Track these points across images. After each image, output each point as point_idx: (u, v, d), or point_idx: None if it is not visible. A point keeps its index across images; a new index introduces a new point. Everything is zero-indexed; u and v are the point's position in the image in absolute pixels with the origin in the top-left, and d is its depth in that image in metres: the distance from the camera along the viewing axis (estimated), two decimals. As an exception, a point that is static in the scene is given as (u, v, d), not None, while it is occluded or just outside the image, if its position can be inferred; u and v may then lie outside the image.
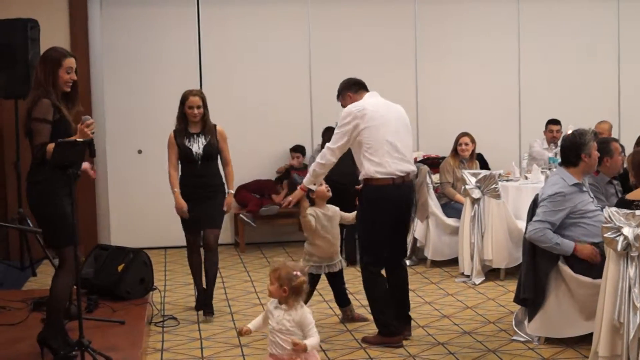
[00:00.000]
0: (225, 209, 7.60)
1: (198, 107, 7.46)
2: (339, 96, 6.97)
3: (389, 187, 6.51)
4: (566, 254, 6.23)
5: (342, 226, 7.52)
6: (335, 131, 6.66)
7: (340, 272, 7.29)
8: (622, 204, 5.90)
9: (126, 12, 10.97)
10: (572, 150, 6.42)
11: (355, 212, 7.16)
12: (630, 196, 5.96)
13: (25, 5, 10.10)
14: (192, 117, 7.48)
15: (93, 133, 5.69)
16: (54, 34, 8.89)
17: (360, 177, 6.68)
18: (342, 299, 7.33)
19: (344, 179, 8.47)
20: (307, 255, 7.17)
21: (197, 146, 7.48)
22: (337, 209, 7.27)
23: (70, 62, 5.82)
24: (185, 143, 7.49)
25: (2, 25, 8.88)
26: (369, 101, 6.70)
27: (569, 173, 6.40)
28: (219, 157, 7.67)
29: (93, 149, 5.71)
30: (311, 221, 6.99)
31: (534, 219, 6.34)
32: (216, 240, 7.55)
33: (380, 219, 6.55)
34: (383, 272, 6.75)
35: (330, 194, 7.14)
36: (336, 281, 7.30)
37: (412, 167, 6.69)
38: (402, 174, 6.54)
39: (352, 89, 6.86)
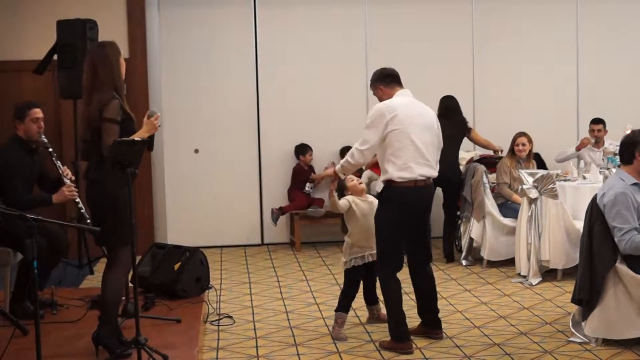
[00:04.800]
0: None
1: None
2: (371, 86, 6.81)
3: (410, 190, 6.40)
4: None
5: None
6: (364, 131, 6.50)
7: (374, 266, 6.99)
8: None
9: (183, 12, 11.06)
10: (628, 148, 6.32)
11: None
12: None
13: (84, 6, 10.23)
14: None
15: (159, 126, 5.89)
16: (112, 35, 8.85)
17: (381, 179, 6.55)
18: (370, 296, 7.18)
19: (448, 172, 8.31)
20: (348, 248, 6.93)
21: None
22: (376, 202, 6.91)
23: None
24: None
25: (62, 26, 9.00)
26: (399, 101, 6.53)
27: (627, 173, 6.31)
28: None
29: (152, 142, 5.89)
30: (344, 204, 6.84)
31: (616, 235, 6.15)
32: None
33: (398, 221, 6.45)
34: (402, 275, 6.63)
35: (363, 186, 6.96)
36: (370, 276, 7.04)
37: (435, 173, 6.57)
38: (424, 178, 6.45)
39: (384, 81, 6.68)
